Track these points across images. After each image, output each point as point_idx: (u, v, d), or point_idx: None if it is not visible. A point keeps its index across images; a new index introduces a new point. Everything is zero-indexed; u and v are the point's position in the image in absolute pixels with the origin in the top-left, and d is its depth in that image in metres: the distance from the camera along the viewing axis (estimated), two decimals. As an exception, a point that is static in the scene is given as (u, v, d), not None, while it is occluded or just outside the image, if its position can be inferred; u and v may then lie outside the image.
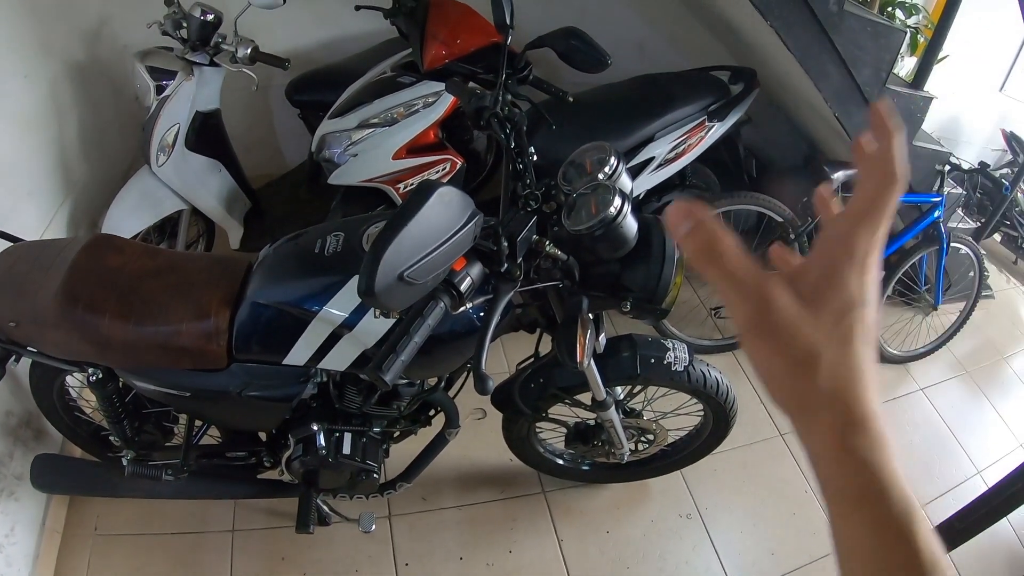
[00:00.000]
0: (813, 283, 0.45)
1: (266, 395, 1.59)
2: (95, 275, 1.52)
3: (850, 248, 0.44)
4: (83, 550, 2.08)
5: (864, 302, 0.44)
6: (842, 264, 0.44)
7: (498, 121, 1.54)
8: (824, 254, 0.46)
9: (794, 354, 0.44)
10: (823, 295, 0.44)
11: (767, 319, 0.44)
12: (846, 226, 0.45)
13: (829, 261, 0.45)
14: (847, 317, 0.44)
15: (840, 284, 0.44)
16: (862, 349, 0.44)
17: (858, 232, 0.44)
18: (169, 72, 2.38)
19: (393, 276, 0.98)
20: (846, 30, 2.54)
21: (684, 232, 0.44)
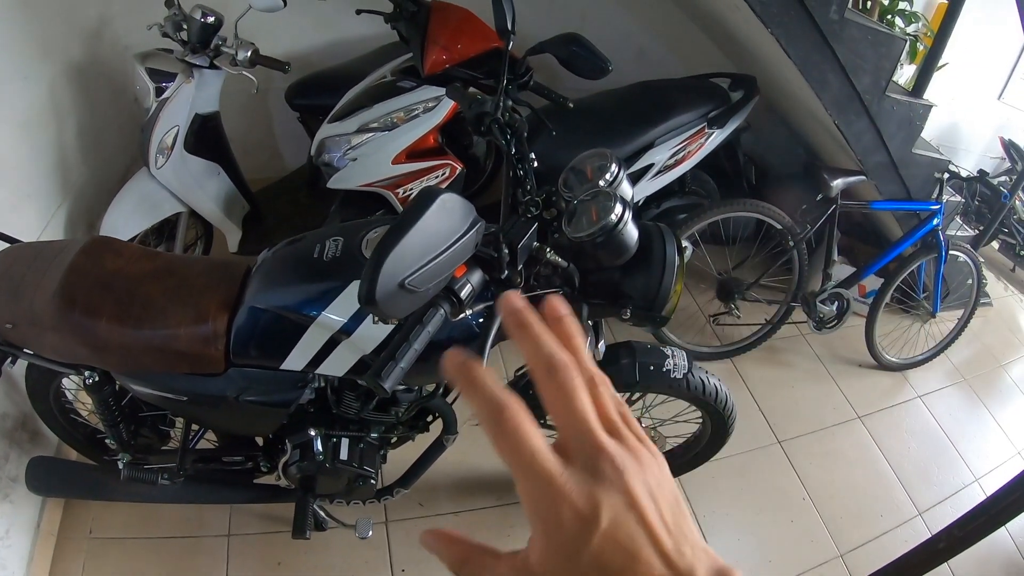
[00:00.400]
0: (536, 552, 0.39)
1: (263, 400, 1.58)
2: (93, 278, 1.51)
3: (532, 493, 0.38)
4: (78, 553, 2.07)
5: (590, 520, 0.37)
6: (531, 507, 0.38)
7: (499, 127, 1.53)
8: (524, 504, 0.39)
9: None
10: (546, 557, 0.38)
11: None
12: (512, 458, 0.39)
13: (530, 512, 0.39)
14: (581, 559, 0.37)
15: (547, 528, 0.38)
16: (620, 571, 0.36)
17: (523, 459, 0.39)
18: (169, 74, 2.37)
19: (394, 284, 0.97)
20: (846, 38, 2.54)
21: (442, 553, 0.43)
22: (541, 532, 0.38)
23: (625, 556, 0.36)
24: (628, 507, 0.37)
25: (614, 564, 0.36)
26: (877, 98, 2.75)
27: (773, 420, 2.98)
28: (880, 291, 3.23)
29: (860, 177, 2.92)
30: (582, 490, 0.37)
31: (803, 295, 3.12)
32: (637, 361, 1.82)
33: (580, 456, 0.39)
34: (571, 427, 0.40)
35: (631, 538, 0.37)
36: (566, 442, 0.40)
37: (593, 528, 0.36)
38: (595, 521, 0.36)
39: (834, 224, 2.95)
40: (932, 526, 2.71)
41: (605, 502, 0.37)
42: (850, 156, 2.95)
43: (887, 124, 2.85)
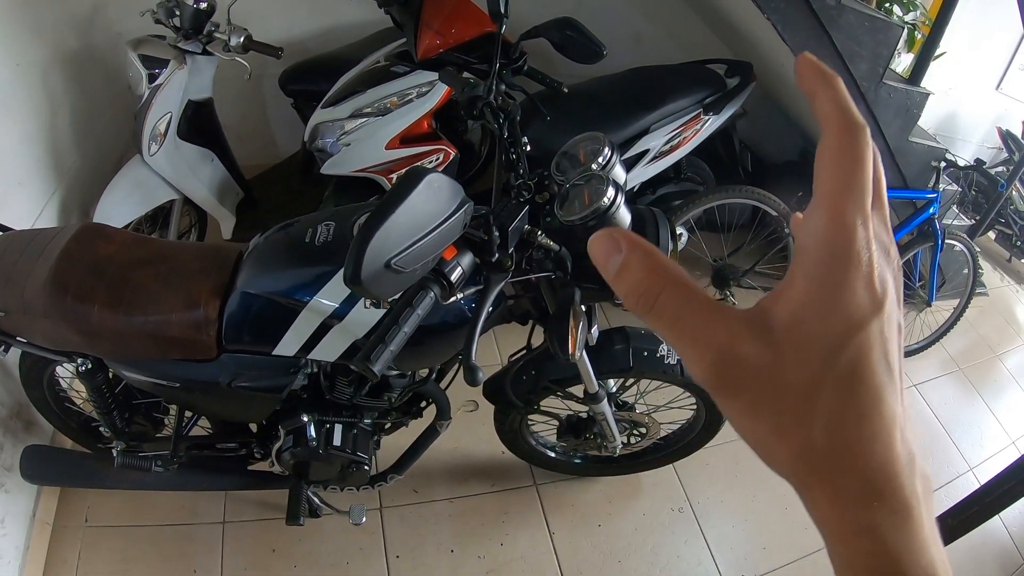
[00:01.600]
0: (797, 305, 0.33)
1: (256, 386, 1.58)
2: (84, 264, 1.51)
3: (842, 240, 0.32)
4: (73, 542, 2.07)
5: (876, 312, 0.32)
6: (834, 268, 0.32)
7: (491, 111, 1.52)
8: (807, 258, 0.33)
9: (775, 410, 0.33)
10: (808, 322, 0.32)
11: (730, 373, 0.33)
12: (826, 211, 0.33)
13: (815, 268, 0.32)
14: (850, 344, 0.31)
15: (832, 301, 0.32)
16: (879, 385, 0.32)
17: (844, 212, 0.32)
18: (162, 60, 2.36)
19: (380, 264, 0.96)
20: (844, 25, 2.53)
21: (614, 272, 0.34)
22: (819, 284, 0.32)
23: (886, 365, 0.32)
24: (898, 305, 0.34)
25: (876, 366, 0.32)
26: (874, 85, 2.74)
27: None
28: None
29: (856, 165, 2.91)
30: (881, 261, 0.33)
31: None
32: (631, 346, 1.82)
33: (875, 224, 0.33)
34: (855, 200, 0.32)
35: (893, 351, 0.33)
36: (842, 213, 0.32)
37: (878, 310, 0.32)
38: (883, 304, 0.32)
39: (831, 211, 2.94)
40: (926, 514, 2.71)
41: (892, 289, 0.33)
42: (846, 144, 2.94)
43: (884, 111, 2.85)
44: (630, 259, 0.34)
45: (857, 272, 0.31)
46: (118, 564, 2.05)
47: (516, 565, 2.21)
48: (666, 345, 1.86)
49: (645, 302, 0.33)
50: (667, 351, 1.86)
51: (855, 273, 0.31)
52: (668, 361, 1.85)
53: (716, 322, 0.33)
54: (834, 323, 0.31)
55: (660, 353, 1.84)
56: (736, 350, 0.32)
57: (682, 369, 1.88)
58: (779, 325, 0.33)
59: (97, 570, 2.03)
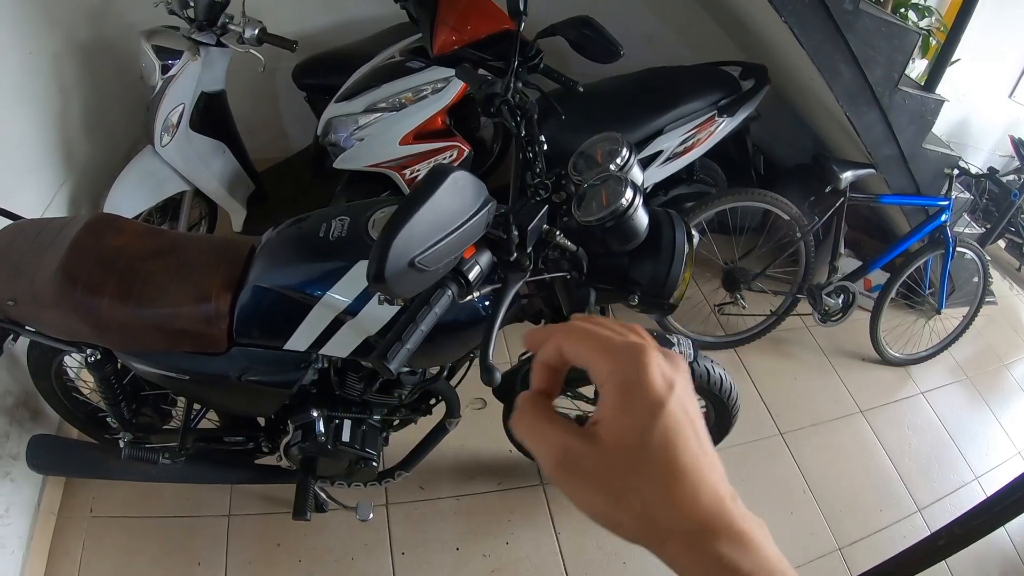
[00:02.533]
0: (604, 415, 0.42)
1: (266, 380, 1.57)
2: (95, 255, 1.50)
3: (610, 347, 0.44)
4: (78, 532, 2.07)
5: (668, 388, 0.42)
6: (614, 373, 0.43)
7: (509, 109, 1.51)
8: (605, 390, 0.43)
9: (612, 488, 0.41)
10: (614, 421, 0.42)
11: (572, 464, 0.42)
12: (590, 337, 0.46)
13: (608, 382, 0.43)
14: (656, 425, 0.40)
15: (630, 398, 0.42)
16: (691, 450, 0.41)
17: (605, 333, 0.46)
18: (175, 52, 2.35)
19: (404, 262, 0.95)
20: (860, 29, 2.51)
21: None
22: (624, 397, 0.42)
23: (693, 434, 0.41)
24: (688, 393, 0.43)
25: (683, 438, 0.41)
26: (889, 91, 2.73)
27: (775, 411, 2.98)
28: (886, 285, 3.21)
29: (869, 170, 2.90)
30: (663, 367, 0.43)
31: (809, 287, 3.11)
32: None
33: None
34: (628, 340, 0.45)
35: (689, 418, 0.42)
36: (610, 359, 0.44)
37: (668, 394, 0.41)
38: (671, 387, 0.42)
39: (842, 216, 2.93)
40: (931, 523, 2.71)
41: (678, 382, 0.43)
42: (860, 148, 2.93)
43: (898, 117, 2.83)
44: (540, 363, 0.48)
45: (645, 370, 0.42)
46: (122, 556, 2.05)
47: (521, 564, 2.20)
48: (677, 347, 1.85)
49: (521, 408, 0.46)
50: (678, 352, 1.84)
51: (642, 370, 0.42)
52: None
53: (562, 432, 0.43)
54: (638, 414, 0.41)
55: None
56: (572, 448, 0.42)
57: (693, 372, 1.87)
58: (600, 427, 0.42)
59: (101, 561, 2.03)
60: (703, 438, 0.42)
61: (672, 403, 0.41)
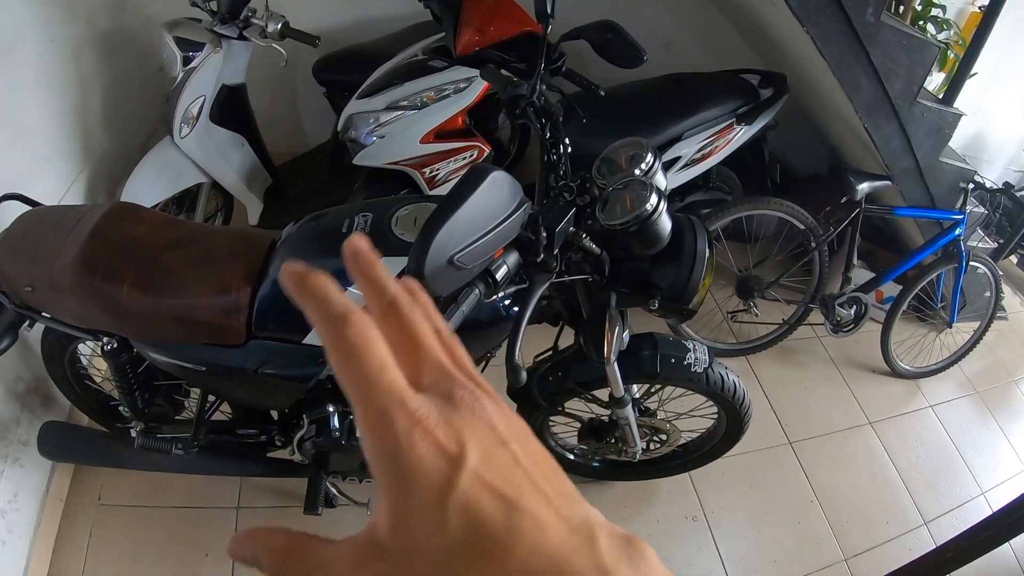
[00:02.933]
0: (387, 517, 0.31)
1: (283, 374, 1.57)
2: (115, 244, 1.50)
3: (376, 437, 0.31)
4: (85, 520, 2.07)
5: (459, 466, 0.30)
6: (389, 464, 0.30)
7: (535, 111, 1.52)
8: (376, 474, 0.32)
9: None
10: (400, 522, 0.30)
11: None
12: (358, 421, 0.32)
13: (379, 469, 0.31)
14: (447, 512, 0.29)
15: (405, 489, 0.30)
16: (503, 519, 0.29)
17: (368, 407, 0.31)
18: (197, 44, 2.36)
19: (443, 259, 0.96)
20: (881, 41, 2.51)
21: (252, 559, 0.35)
22: (393, 483, 0.30)
23: (502, 503, 0.29)
24: (498, 443, 0.32)
25: (488, 513, 0.29)
26: (908, 103, 2.72)
27: (785, 420, 2.97)
28: (898, 298, 3.20)
29: (886, 182, 2.89)
30: (441, 418, 0.31)
31: (822, 297, 3.10)
32: (659, 353, 1.81)
33: (429, 381, 0.33)
34: (373, 392, 0.31)
35: (507, 479, 0.30)
36: (369, 414, 0.31)
37: (459, 466, 0.30)
38: (462, 457, 0.30)
39: (857, 227, 2.93)
40: (936, 536, 2.70)
41: (470, 435, 0.31)
42: (876, 160, 2.93)
43: (916, 130, 2.82)
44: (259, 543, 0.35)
45: (413, 453, 0.30)
46: (129, 544, 2.05)
47: (528, 566, 2.19)
48: (693, 353, 1.85)
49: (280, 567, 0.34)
50: (694, 359, 1.84)
51: (411, 455, 0.30)
52: (695, 369, 1.83)
53: (338, 560, 0.32)
54: (421, 506, 0.30)
55: (687, 361, 1.83)
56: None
57: (708, 378, 1.87)
58: (386, 536, 0.31)
59: (107, 549, 2.03)
60: (527, 491, 0.31)
61: (469, 467, 0.30)
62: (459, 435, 0.30)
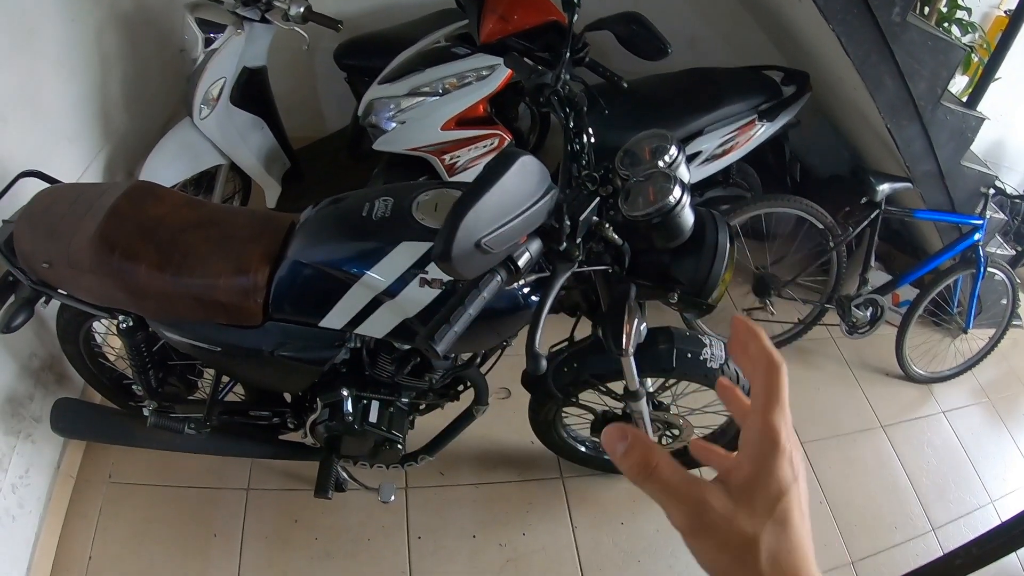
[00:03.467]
0: (745, 478, 0.47)
1: (299, 356, 1.58)
2: (134, 223, 1.51)
3: (772, 438, 0.47)
4: (95, 497, 2.09)
5: (794, 481, 0.47)
6: (768, 455, 0.47)
7: (559, 100, 1.51)
8: (750, 448, 0.48)
9: (735, 547, 0.45)
10: (755, 488, 0.46)
11: (704, 520, 0.46)
12: (760, 419, 0.48)
13: (757, 455, 0.47)
14: (781, 502, 0.46)
15: (770, 473, 0.46)
16: (800, 526, 0.46)
17: (772, 420, 0.47)
18: (218, 25, 2.36)
19: (471, 242, 0.95)
20: (906, 42, 2.49)
21: (621, 452, 0.47)
22: (757, 464, 0.46)
23: (802, 518, 0.46)
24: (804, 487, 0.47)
25: (797, 518, 0.46)
26: (931, 105, 2.70)
27: (796, 421, 2.87)
28: (914, 302, 3.17)
29: (906, 184, 2.87)
30: (796, 453, 0.48)
31: (838, 298, 3.08)
32: (675, 347, 1.80)
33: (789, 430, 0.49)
34: (779, 412, 0.48)
35: (805, 509, 0.47)
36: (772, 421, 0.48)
37: (794, 482, 0.46)
38: (797, 477, 0.47)
39: (875, 229, 2.90)
40: (944, 543, 2.68)
41: (800, 467, 0.47)
42: (898, 162, 2.90)
43: (939, 133, 2.80)
44: (634, 443, 0.47)
45: (783, 458, 0.46)
46: (139, 522, 2.07)
47: (536, 556, 2.20)
48: (709, 349, 1.84)
49: (645, 471, 0.47)
50: (710, 355, 1.83)
51: (782, 459, 0.46)
52: (710, 365, 1.82)
53: (695, 487, 0.46)
54: (771, 491, 0.46)
55: (703, 356, 1.82)
56: (708, 503, 0.45)
57: (723, 374, 1.86)
58: (734, 490, 0.46)
59: (117, 526, 2.05)
60: (807, 523, 0.47)
61: (799, 485, 0.47)
62: (797, 465, 0.47)
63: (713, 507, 0.45)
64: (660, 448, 0.47)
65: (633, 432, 0.48)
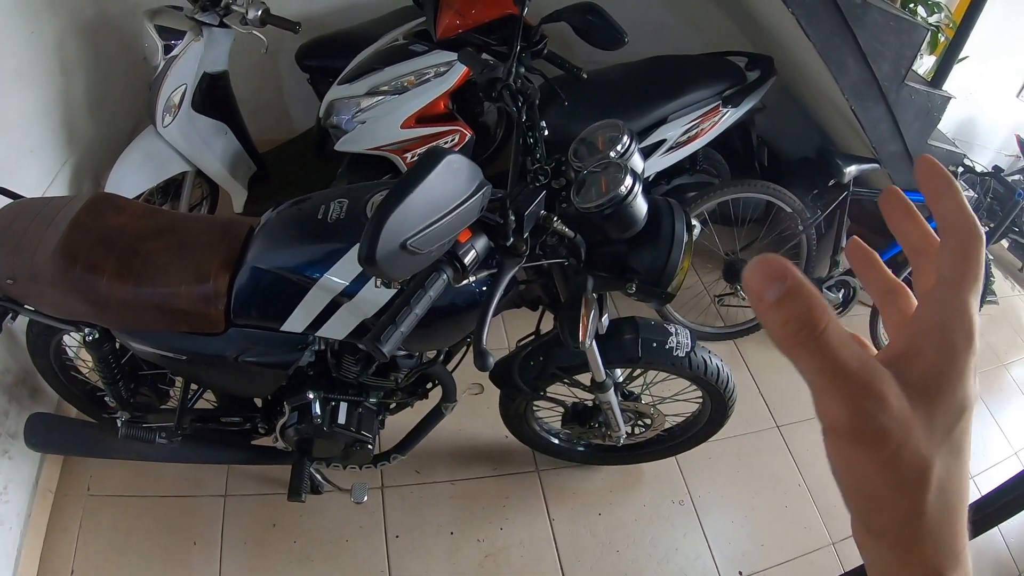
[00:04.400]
0: (928, 372, 0.35)
1: (263, 361, 1.58)
2: (95, 234, 1.50)
3: (967, 325, 0.36)
4: (75, 510, 2.08)
5: (975, 399, 0.36)
6: (961, 348, 0.36)
7: (510, 93, 1.51)
8: (936, 334, 0.37)
9: (903, 468, 0.34)
10: (940, 390, 0.35)
11: (874, 422, 0.33)
12: (955, 296, 0.37)
13: (945, 343, 0.36)
14: (962, 419, 0.35)
15: (959, 376, 0.35)
16: (967, 461, 0.36)
17: (969, 301, 0.36)
18: (178, 32, 2.34)
19: (396, 244, 0.95)
20: (869, 23, 2.49)
21: (773, 298, 0.32)
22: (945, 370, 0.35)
23: (968, 447, 0.36)
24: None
25: (967, 446, 0.36)
26: (896, 86, 2.71)
27: (772, 404, 2.97)
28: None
29: (874, 165, 2.88)
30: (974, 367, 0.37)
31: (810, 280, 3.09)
32: (640, 337, 1.81)
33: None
34: (975, 292, 0.37)
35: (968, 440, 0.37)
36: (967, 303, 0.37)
37: (972, 404, 0.36)
38: (976, 396, 0.36)
39: (844, 211, 2.92)
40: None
41: (973, 408, 0.37)
42: (865, 143, 2.91)
43: (904, 113, 2.81)
44: (796, 289, 0.31)
45: (973, 362, 0.36)
46: (119, 534, 2.06)
47: (515, 550, 2.21)
48: (675, 337, 1.85)
49: (808, 333, 0.32)
50: (676, 343, 1.84)
51: (972, 363, 0.36)
52: (677, 353, 1.83)
53: (871, 368, 0.33)
54: (956, 401, 0.35)
55: (669, 345, 1.83)
56: (886, 398, 0.33)
57: (690, 362, 1.87)
58: (915, 386, 0.34)
59: (98, 539, 2.04)
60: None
61: (973, 406, 0.36)
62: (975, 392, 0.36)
63: (891, 407, 0.33)
64: (827, 304, 0.32)
65: (793, 273, 0.31)
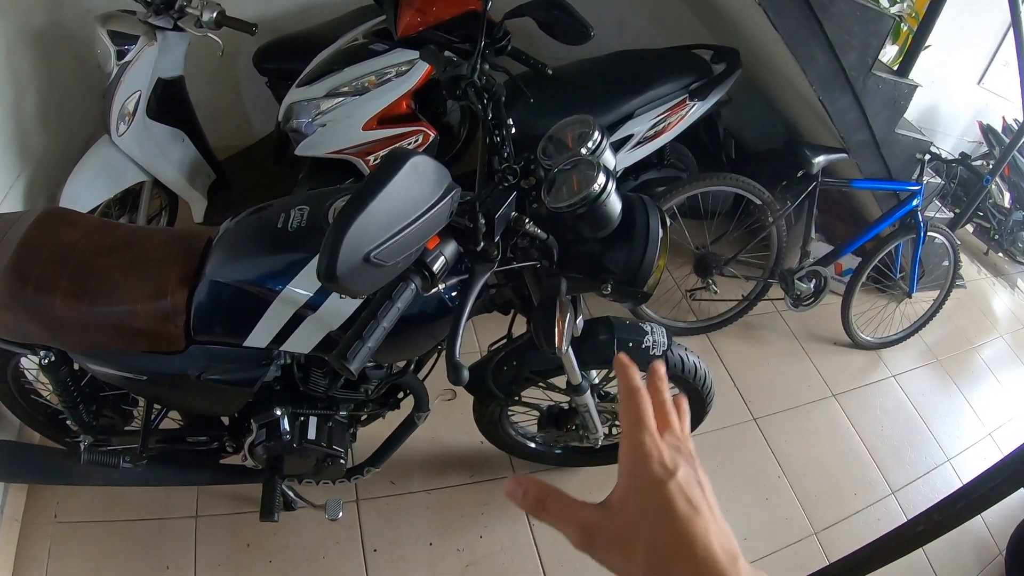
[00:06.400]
0: (621, 490, 0.53)
1: (226, 379, 1.52)
2: (47, 251, 1.43)
3: (640, 452, 0.54)
4: (43, 539, 2.00)
5: (670, 477, 0.52)
6: (640, 465, 0.53)
7: (475, 91, 1.47)
8: (623, 466, 0.55)
9: (621, 548, 0.51)
10: (629, 494, 0.52)
11: (589, 533, 0.52)
12: (628, 440, 0.55)
13: (629, 468, 0.54)
14: (653, 499, 0.51)
15: (641, 479, 0.52)
16: (685, 516, 0.49)
17: (639, 438, 0.55)
18: (131, 37, 2.27)
19: (358, 257, 0.89)
20: (835, 14, 2.50)
21: (520, 496, 0.56)
22: (629, 475, 0.53)
23: (688, 505, 0.50)
24: (695, 480, 0.53)
25: (679, 507, 0.50)
26: (863, 75, 2.72)
27: (748, 397, 2.97)
28: (857, 270, 3.22)
29: (842, 155, 2.90)
30: (670, 454, 0.54)
31: (781, 272, 3.11)
32: (616, 337, 1.78)
33: (667, 436, 0.57)
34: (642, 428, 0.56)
35: (694, 497, 0.51)
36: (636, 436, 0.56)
37: (669, 477, 0.52)
38: (673, 473, 0.52)
39: (814, 201, 2.93)
40: (905, 505, 2.73)
41: (681, 467, 0.53)
42: (832, 133, 2.92)
43: (872, 102, 2.83)
44: (528, 487, 0.56)
45: (650, 461, 0.53)
46: (89, 561, 1.98)
47: (496, 558, 2.17)
48: (651, 336, 1.83)
49: (538, 504, 0.55)
50: (652, 342, 1.81)
51: (649, 462, 0.53)
52: (653, 352, 1.81)
53: (579, 509, 0.54)
54: (640, 490, 0.52)
55: (645, 344, 1.80)
56: (591, 521, 0.53)
57: (667, 361, 1.85)
58: (612, 503, 0.53)
59: (68, 567, 1.96)
60: (705, 508, 0.51)
61: (676, 479, 0.52)
62: (675, 461, 0.53)
63: (594, 522, 0.52)
64: (551, 487, 0.56)
65: (526, 479, 0.56)
